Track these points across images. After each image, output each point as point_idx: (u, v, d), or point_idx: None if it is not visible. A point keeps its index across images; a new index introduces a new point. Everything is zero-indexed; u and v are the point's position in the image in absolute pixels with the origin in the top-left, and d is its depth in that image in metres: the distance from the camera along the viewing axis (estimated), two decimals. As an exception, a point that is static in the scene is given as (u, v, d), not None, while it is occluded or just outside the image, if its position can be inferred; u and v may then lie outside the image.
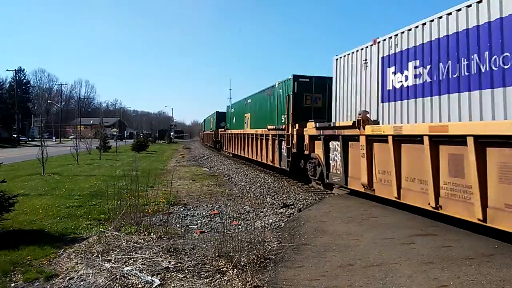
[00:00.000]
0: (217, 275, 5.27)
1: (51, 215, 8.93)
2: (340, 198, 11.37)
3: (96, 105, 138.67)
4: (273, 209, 10.30)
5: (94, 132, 37.15)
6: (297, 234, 7.37)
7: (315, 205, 10.57)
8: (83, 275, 5.33)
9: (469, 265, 5.33)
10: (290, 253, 6.13)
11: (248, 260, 5.60)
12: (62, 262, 5.96)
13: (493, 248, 6.09)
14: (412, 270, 5.19)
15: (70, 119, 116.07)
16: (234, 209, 10.23)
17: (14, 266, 5.70)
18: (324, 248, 6.32)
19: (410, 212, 8.58)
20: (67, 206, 10.00)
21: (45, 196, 11.46)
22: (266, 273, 5.28)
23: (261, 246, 6.15)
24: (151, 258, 5.83)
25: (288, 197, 12.22)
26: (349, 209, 9.39)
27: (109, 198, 9.48)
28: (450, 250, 6.02)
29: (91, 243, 6.80)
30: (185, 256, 6.02)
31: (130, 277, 5.17)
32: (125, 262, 5.73)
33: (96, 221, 8.48)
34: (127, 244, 6.60)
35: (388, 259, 5.65)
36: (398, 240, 6.64)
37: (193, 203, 11.18)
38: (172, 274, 5.30)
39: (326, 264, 5.57)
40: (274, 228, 8.28)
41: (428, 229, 7.26)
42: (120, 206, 8.20)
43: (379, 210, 9.20)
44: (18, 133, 66.00)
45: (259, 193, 13.12)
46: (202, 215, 9.51)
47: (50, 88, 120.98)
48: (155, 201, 10.71)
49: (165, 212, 9.26)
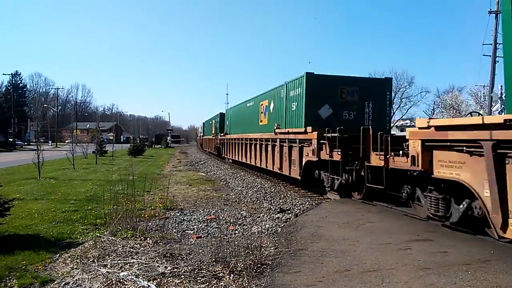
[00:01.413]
0: (213, 281, 5.26)
1: (46, 220, 8.88)
2: (336, 203, 11.37)
3: (92, 109, 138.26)
4: (270, 214, 10.29)
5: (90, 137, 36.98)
6: (294, 239, 7.36)
7: (311, 210, 10.57)
8: (79, 280, 5.30)
9: (466, 270, 5.34)
10: (287, 259, 6.12)
11: (244, 265, 5.59)
12: (57, 267, 5.93)
13: (489, 253, 6.11)
14: (409, 276, 5.19)
15: (66, 123, 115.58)
16: (230, 214, 10.22)
17: (9, 271, 5.66)
18: (321, 253, 6.31)
19: (406, 217, 8.59)
20: (63, 210, 9.94)
21: (41, 201, 11.39)
22: (263, 278, 5.27)
23: (258, 251, 6.15)
24: (147, 263, 5.81)
25: (285, 202, 12.21)
26: (345, 214, 9.39)
27: (105, 203, 9.47)
28: (446, 255, 6.03)
29: (87, 248, 6.77)
30: (181, 261, 6.00)
31: (126, 282, 5.15)
32: (121, 267, 5.70)
33: (92, 226, 8.43)
34: (123, 249, 6.58)
35: (384, 265, 5.66)
36: (395, 245, 6.65)
37: (189, 208, 11.15)
38: (168, 280, 5.28)
39: (323, 269, 5.57)
40: (271, 233, 8.28)
41: (424, 235, 7.26)
42: (116, 211, 8.18)
43: (375, 215, 9.20)
44: (14, 137, 65.69)
45: (256, 198, 13.10)
46: (198, 220, 9.48)
47: (46, 92, 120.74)
48: (151, 206, 10.68)
49: (162, 217, 9.24)
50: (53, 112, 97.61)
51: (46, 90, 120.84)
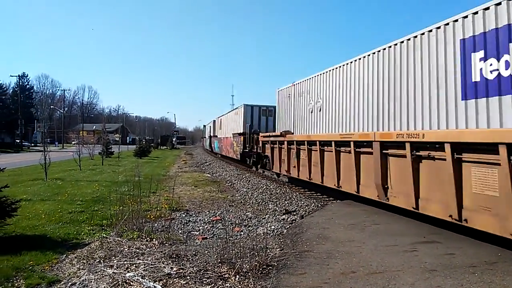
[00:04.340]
0: (219, 282, 5.26)
1: (53, 221, 8.94)
2: (342, 205, 11.34)
3: (99, 110, 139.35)
4: (275, 216, 10.28)
5: (96, 138, 37.15)
6: (299, 240, 7.35)
7: (317, 211, 10.55)
8: (85, 280, 5.33)
9: (472, 273, 5.31)
10: (293, 260, 6.12)
11: (250, 266, 5.59)
12: (64, 268, 5.96)
13: (496, 256, 6.06)
14: (415, 278, 5.17)
15: (73, 125, 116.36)
16: (236, 215, 10.22)
17: (16, 271, 5.70)
18: (326, 255, 6.30)
19: (412, 219, 8.55)
20: (70, 211, 10.01)
21: (48, 201, 11.48)
22: (269, 279, 5.26)
23: (263, 252, 6.15)
24: (153, 264, 5.82)
25: (290, 203, 12.20)
26: (351, 216, 9.37)
27: (111, 204, 9.51)
28: (453, 257, 5.99)
29: (93, 249, 6.80)
30: (187, 262, 6.01)
31: (132, 283, 5.16)
32: (127, 268, 5.72)
33: (98, 227, 8.48)
34: (129, 250, 6.60)
35: (390, 267, 5.63)
36: (401, 247, 6.62)
37: (195, 209, 11.18)
38: (174, 280, 5.29)
39: (329, 271, 5.56)
40: (277, 235, 8.27)
41: (431, 237, 7.23)
42: (122, 212, 8.21)
43: (381, 217, 9.17)
44: (21, 139, 66.25)
45: (261, 200, 13.10)
46: (204, 221, 9.50)
47: (53, 94, 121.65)
48: (157, 207, 10.71)
49: (167, 218, 9.26)
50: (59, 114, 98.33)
51: (52, 92, 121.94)
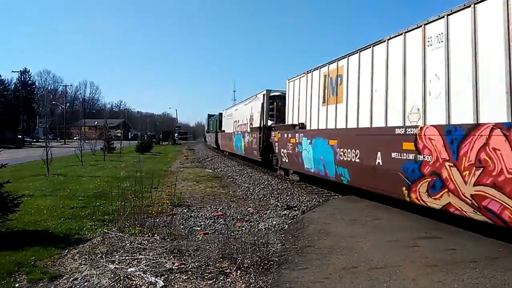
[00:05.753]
0: (220, 277, 5.27)
1: (55, 216, 8.96)
2: (344, 201, 11.34)
3: (100, 106, 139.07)
4: (277, 211, 10.28)
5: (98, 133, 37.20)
6: (300, 236, 7.35)
7: (319, 207, 10.55)
8: (87, 276, 5.34)
9: (474, 268, 5.30)
10: (294, 255, 6.12)
11: (251, 261, 5.59)
12: (66, 263, 5.98)
13: (497, 251, 6.06)
14: (416, 273, 5.17)
15: (74, 120, 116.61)
16: (237, 211, 10.23)
17: (18, 266, 5.72)
18: (327, 250, 6.30)
19: (414, 215, 8.55)
20: (72, 207, 10.03)
21: (50, 197, 11.50)
22: (270, 275, 5.28)
23: (264, 248, 6.15)
24: (155, 259, 5.84)
25: (292, 199, 12.21)
26: (353, 211, 9.37)
27: (113, 199, 9.52)
28: (454, 253, 5.99)
29: (95, 244, 6.82)
30: (188, 257, 6.02)
31: (134, 278, 5.18)
32: (129, 263, 5.74)
33: (100, 222, 8.49)
34: (131, 245, 6.61)
35: (392, 262, 5.63)
36: (402, 242, 6.62)
37: (196, 204, 11.19)
38: (175, 275, 5.30)
39: (330, 266, 5.56)
40: (278, 230, 8.27)
41: (432, 232, 7.22)
42: (124, 207, 8.21)
43: (383, 212, 9.17)
44: (23, 134, 66.39)
45: (263, 195, 13.11)
46: (205, 217, 9.51)
47: (55, 89, 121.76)
48: (159, 202, 10.72)
49: (169, 214, 9.27)
50: (61, 109, 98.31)
51: (54, 87, 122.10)
